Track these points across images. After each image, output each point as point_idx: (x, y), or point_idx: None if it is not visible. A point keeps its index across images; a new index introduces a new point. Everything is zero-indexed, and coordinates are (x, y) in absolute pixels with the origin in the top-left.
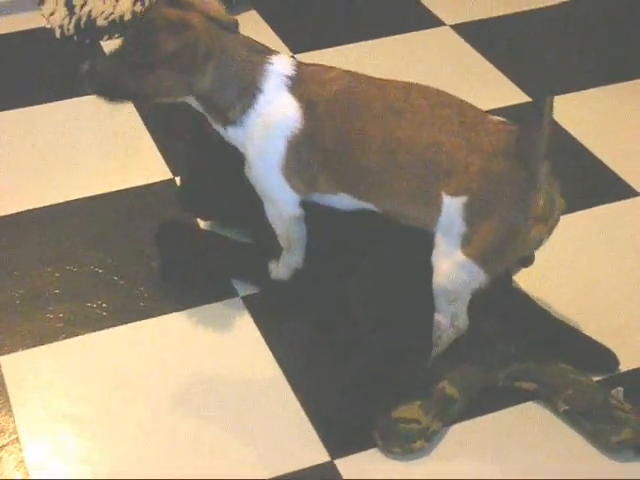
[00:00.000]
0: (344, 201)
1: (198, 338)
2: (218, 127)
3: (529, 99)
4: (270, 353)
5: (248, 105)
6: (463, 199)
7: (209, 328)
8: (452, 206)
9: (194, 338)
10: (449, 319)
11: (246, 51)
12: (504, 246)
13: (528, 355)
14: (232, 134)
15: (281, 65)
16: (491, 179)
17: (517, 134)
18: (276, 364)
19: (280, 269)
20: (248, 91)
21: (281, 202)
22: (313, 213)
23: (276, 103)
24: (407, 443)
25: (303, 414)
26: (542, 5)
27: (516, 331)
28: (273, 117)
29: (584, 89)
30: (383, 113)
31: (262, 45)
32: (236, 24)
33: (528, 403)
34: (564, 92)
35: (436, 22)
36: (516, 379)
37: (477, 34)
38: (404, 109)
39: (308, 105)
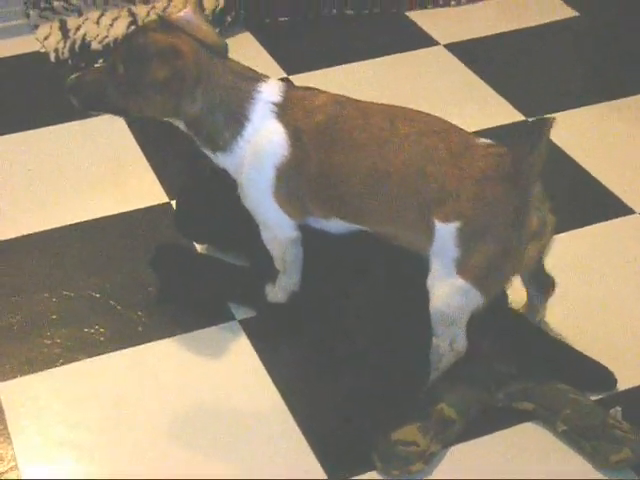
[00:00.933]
0: (338, 225)
1: (196, 362)
2: (207, 151)
3: (523, 118)
4: (268, 376)
5: (236, 133)
6: (456, 224)
7: (207, 352)
8: (445, 231)
9: (192, 362)
10: (447, 343)
11: (234, 77)
12: (499, 266)
13: (526, 375)
14: (222, 160)
15: (268, 92)
16: (484, 203)
17: (512, 155)
18: (274, 387)
19: (277, 292)
20: (236, 119)
21: (276, 226)
22: (307, 234)
23: (263, 131)
24: (406, 465)
25: (302, 436)
26: (535, 24)
27: (514, 351)
28: (261, 144)
29: (578, 107)
30: (368, 144)
31: (251, 70)
32: (225, 47)
33: (526, 423)
34: (558, 110)
35: (430, 42)
36: (514, 400)
37: (471, 53)
38: (389, 139)
39: (294, 133)
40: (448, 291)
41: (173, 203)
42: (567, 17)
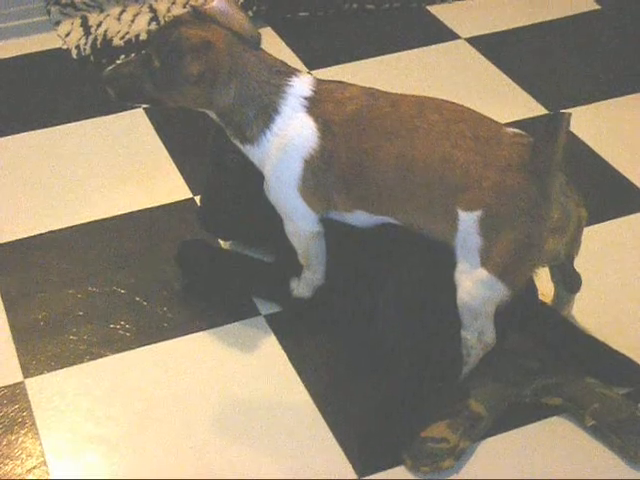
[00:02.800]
0: (361, 218)
1: (221, 358)
2: (237, 143)
3: (546, 111)
4: (294, 371)
5: (264, 125)
6: (478, 213)
7: (233, 347)
8: (468, 221)
9: (217, 358)
10: (476, 335)
11: (267, 72)
12: (521, 259)
13: (553, 370)
14: (250, 152)
15: (300, 86)
16: (505, 193)
17: (532, 148)
18: (300, 382)
19: (301, 287)
20: (266, 112)
21: (300, 220)
22: (334, 229)
23: (293, 124)
24: (436, 462)
25: (329, 432)
26: (557, 17)
27: (541, 346)
28: (290, 138)
29: (600, 100)
30: (397, 131)
31: (283, 64)
32: (259, 38)
33: (554, 418)
34: (580, 104)
35: (451, 36)
36: (542, 395)
37: (493, 47)
38: (418, 126)
39: (324, 125)
40: (473, 283)
41: (197, 199)
42: (589, 10)
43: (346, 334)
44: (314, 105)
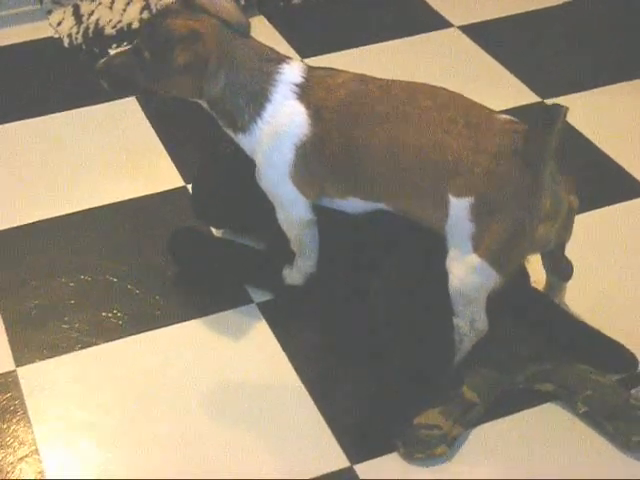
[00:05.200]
0: (353, 204)
1: (214, 345)
2: (229, 132)
3: (539, 99)
4: (287, 358)
5: (256, 113)
6: (469, 200)
7: (225, 335)
8: (459, 207)
9: (210, 346)
10: (468, 322)
11: (257, 59)
12: (513, 244)
13: (546, 356)
14: (242, 141)
15: (290, 73)
16: (496, 179)
17: (525, 136)
18: (293, 369)
19: (294, 274)
20: (256, 100)
21: (291, 207)
22: (327, 216)
23: (284, 111)
24: (429, 449)
25: (321, 419)
26: (550, 4)
27: (533, 332)
28: (281, 125)
29: (593, 88)
30: (388, 117)
31: (273, 51)
32: (248, 26)
33: (546, 404)
34: (573, 91)
35: (444, 24)
36: (535, 381)
37: (485, 35)
38: (409, 111)
39: (316, 112)
40: (464, 269)
41: (189, 187)
42: None
43: (339, 321)
44: (305, 92)
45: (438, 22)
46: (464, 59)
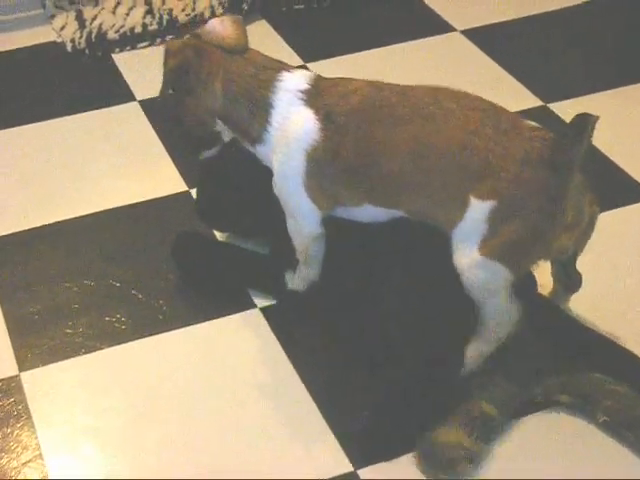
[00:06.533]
0: (369, 212)
1: (218, 350)
2: (249, 147)
3: (541, 103)
4: (289, 363)
5: (264, 121)
6: (492, 203)
7: (228, 340)
8: (479, 209)
9: (213, 350)
10: (493, 313)
11: (253, 68)
12: (524, 249)
13: (562, 368)
14: (260, 152)
15: (292, 80)
16: (522, 185)
17: (553, 144)
18: (296, 374)
19: (296, 281)
20: (260, 108)
21: (303, 220)
22: (335, 222)
23: (292, 117)
24: (453, 467)
25: (325, 424)
26: (552, 8)
27: (549, 344)
28: (291, 131)
29: (595, 92)
30: (411, 118)
31: (271, 61)
32: (245, 46)
33: (565, 415)
34: (575, 95)
35: (447, 28)
36: (552, 393)
37: (488, 39)
38: (434, 113)
39: (327, 117)
40: (470, 266)
41: (192, 192)
42: (584, 1)
43: (342, 326)
44: (314, 98)
45: (441, 26)
46: (467, 63)
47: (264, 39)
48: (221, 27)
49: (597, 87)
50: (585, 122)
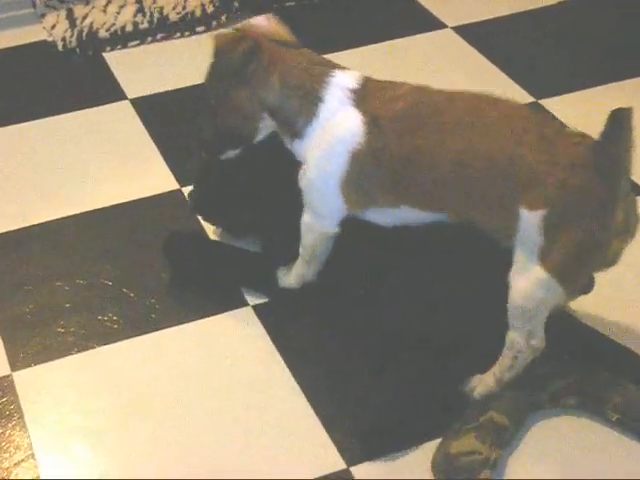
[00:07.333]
0: (404, 214)
1: (209, 348)
2: (287, 141)
3: (533, 99)
4: (282, 361)
5: (311, 115)
6: (542, 212)
7: (221, 338)
8: (530, 219)
9: (205, 348)
10: (525, 338)
11: (307, 62)
12: (583, 260)
13: (566, 371)
14: (298, 148)
15: (344, 78)
16: (571, 191)
17: (597, 148)
18: (289, 372)
19: (291, 277)
20: (310, 101)
21: (324, 217)
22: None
23: (340, 116)
24: (472, 475)
25: (318, 422)
26: (543, 5)
27: (552, 347)
28: (337, 130)
29: (587, 87)
30: (455, 126)
31: (324, 59)
32: (295, 42)
33: (576, 417)
34: (567, 91)
35: (438, 24)
36: (560, 397)
37: (479, 35)
38: (477, 122)
39: (373, 121)
40: (529, 284)
41: (184, 190)
42: None
43: (335, 324)
44: (361, 100)
45: (432, 23)
46: (458, 60)
47: None
48: (268, 23)
49: (588, 83)
50: (620, 118)
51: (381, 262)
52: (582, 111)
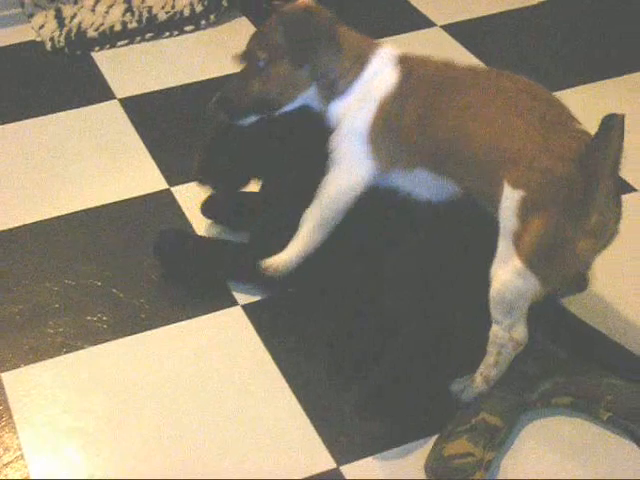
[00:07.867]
0: (420, 179)
1: (199, 348)
2: (322, 102)
3: None
4: (272, 361)
5: (357, 75)
6: (521, 193)
7: (210, 338)
8: (509, 196)
9: (195, 348)
10: (507, 330)
11: (357, 34)
12: (552, 251)
13: (556, 370)
14: (334, 108)
15: (389, 47)
16: (551, 180)
17: (588, 147)
18: (279, 372)
19: (283, 255)
20: (359, 62)
21: (352, 168)
22: None
23: (380, 74)
24: (467, 477)
25: (307, 421)
26: (532, 3)
27: (541, 345)
28: (374, 83)
29: (576, 85)
30: (471, 88)
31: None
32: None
33: (567, 417)
34: (557, 89)
35: (427, 23)
36: (551, 397)
37: (468, 34)
38: (489, 86)
39: (405, 76)
40: (509, 274)
41: (173, 190)
42: None
43: (325, 324)
44: (400, 61)
45: (421, 21)
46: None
47: (244, 36)
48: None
49: (578, 81)
50: (610, 123)
51: (378, 248)
52: (574, 108)
